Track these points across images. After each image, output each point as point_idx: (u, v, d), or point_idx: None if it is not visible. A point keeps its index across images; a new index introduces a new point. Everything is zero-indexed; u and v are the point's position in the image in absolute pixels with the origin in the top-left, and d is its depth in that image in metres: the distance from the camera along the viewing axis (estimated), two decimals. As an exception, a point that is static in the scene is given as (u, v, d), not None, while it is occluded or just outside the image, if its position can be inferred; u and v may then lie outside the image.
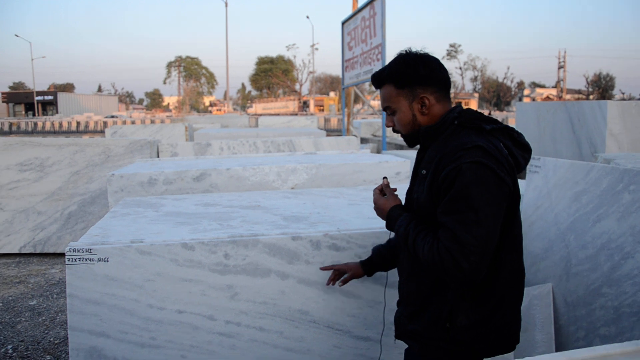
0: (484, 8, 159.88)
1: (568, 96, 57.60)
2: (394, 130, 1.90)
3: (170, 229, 2.52)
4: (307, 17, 79.57)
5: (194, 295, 2.30)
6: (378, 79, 1.85)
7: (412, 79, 1.75)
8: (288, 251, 2.37)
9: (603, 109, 6.45)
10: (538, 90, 70.12)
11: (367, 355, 2.47)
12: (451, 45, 72.53)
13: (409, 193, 1.87)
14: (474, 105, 68.18)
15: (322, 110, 66.40)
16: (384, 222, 1.89)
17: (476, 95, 71.06)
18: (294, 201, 3.20)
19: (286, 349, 2.40)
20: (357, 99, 18.97)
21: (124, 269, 2.22)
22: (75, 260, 2.16)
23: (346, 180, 3.94)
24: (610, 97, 70.91)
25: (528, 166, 3.85)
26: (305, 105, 69.06)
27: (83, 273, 2.18)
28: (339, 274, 2.23)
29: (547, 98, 57.60)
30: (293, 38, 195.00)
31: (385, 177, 1.97)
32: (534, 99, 65.80)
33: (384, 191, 1.91)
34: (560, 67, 61.66)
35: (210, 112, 71.25)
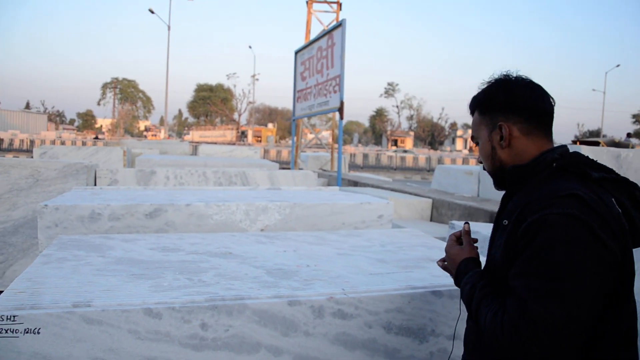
0: (422, 50, 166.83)
1: None
2: (485, 168, 1.64)
3: (124, 284, 1.92)
4: (250, 47, 79.65)
5: (157, 379, 1.71)
6: (470, 105, 1.63)
7: (492, 104, 1.50)
8: (283, 320, 1.84)
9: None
10: (470, 131, 73.02)
11: None
12: (389, 84, 74.42)
13: (489, 248, 1.53)
14: (409, 144, 70.08)
15: (260, 140, 66.01)
16: (398, 283, 1.67)
17: (412, 133, 73.02)
18: (271, 248, 2.67)
19: None
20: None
21: (63, 345, 1.60)
22: (-8, 333, 1.54)
23: (323, 223, 3.45)
24: None
25: None
26: (243, 135, 68.31)
27: (1, 350, 1.54)
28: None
29: None
30: (234, 67, 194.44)
31: (467, 223, 1.68)
32: (466, 140, 68.32)
33: (460, 239, 1.65)
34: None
35: (145, 136, 68.92)
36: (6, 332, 1.54)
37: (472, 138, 1.63)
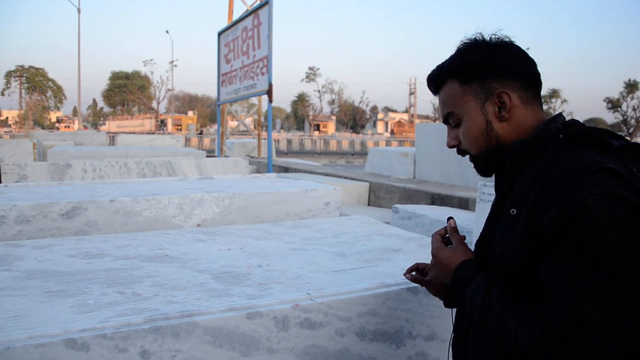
0: (343, 34, 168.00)
1: (418, 120, 61.86)
2: (460, 151, 1.34)
3: (37, 306, 1.52)
4: (167, 32, 76.63)
5: None
6: (436, 77, 1.31)
7: (485, 68, 1.22)
8: (242, 337, 1.51)
9: None
10: (391, 114, 74.47)
11: None
12: (310, 68, 74.06)
13: (481, 242, 1.31)
14: (331, 128, 70.46)
15: (180, 129, 63.92)
16: (367, 281, 1.52)
17: (334, 117, 73.36)
18: (212, 246, 2.32)
19: None
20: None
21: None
22: None
23: (266, 214, 3.13)
24: None
25: (479, 194, 3.37)
26: (162, 124, 65.79)
27: None
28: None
29: (399, 122, 61.33)
30: (151, 53, 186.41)
31: (451, 218, 1.41)
32: (387, 123, 69.70)
33: (446, 237, 1.39)
34: (411, 94, 66.16)
35: (57, 128, 64.61)
36: None
37: (448, 117, 1.30)
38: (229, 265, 2.01)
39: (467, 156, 1.34)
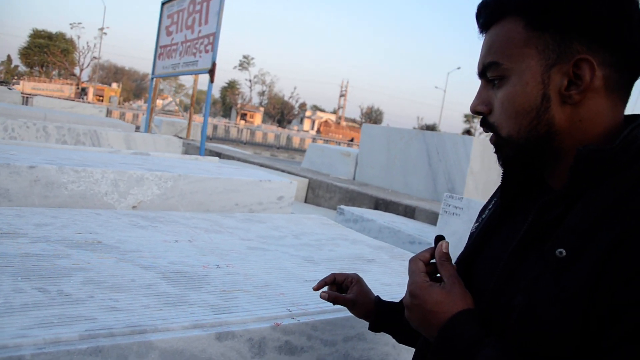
0: (281, 27, 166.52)
1: (344, 123, 62.39)
2: (485, 123, 0.89)
3: None
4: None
5: None
6: (494, 5, 0.85)
7: (574, 16, 0.77)
8: (208, 362, 1.15)
9: (467, 144, 6.14)
10: (319, 113, 74.54)
11: None
12: (244, 57, 72.58)
13: (467, 278, 0.92)
14: (258, 119, 69.52)
15: (102, 100, 60.46)
16: None
17: (262, 109, 72.38)
18: (155, 235, 1.92)
19: None
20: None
21: None
22: None
23: (212, 202, 2.73)
24: None
25: (443, 205, 3.15)
26: (83, 92, 61.83)
27: None
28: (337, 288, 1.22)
29: (327, 122, 61.58)
30: (80, 16, 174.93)
31: (442, 238, 0.94)
32: (314, 121, 69.75)
33: (430, 266, 0.93)
34: (341, 95, 66.63)
35: (-38, 83, 58.92)
36: None
37: (488, 68, 0.86)
38: (180, 262, 1.63)
39: (410, 165, 1.05)
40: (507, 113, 0.84)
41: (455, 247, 3.10)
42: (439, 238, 0.94)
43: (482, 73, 0.87)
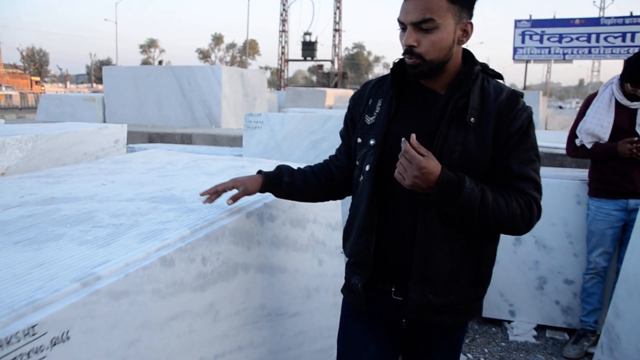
0: None
1: (2, 70, 52.61)
2: (408, 52, 1.41)
3: (75, 248, 1.27)
4: None
5: (180, 338, 1.32)
6: None
7: (468, 0, 1.42)
8: (245, 233, 1.66)
9: (217, 73, 6.60)
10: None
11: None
12: None
13: (436, 147, 1.41)
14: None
15: None
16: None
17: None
18: (82, 186, 2.08)
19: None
20: None
21: (98, 342, 1.04)
22: (9, 364, 0.87)
23: (67, 156, 2.78)
24: (46, 73, 69.71)
25: (245, 122, 3.74)
26: None
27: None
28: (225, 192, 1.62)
29: None
30: None
31: (407, 138, 1.34)
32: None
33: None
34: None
35: None
36: (25, 357, 0.91)
37: (422, 22, 1.36)
38: (143, 193, 1.92)
39: (163, 98, 1.62)
40: (435, 48, 1.38)
41: (262, 153, 3.81)
42: (407, 137, 1.33)
43: (417, 23, 1.37)
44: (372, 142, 1.50)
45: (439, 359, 1.58)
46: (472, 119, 1.40)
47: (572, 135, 3.15)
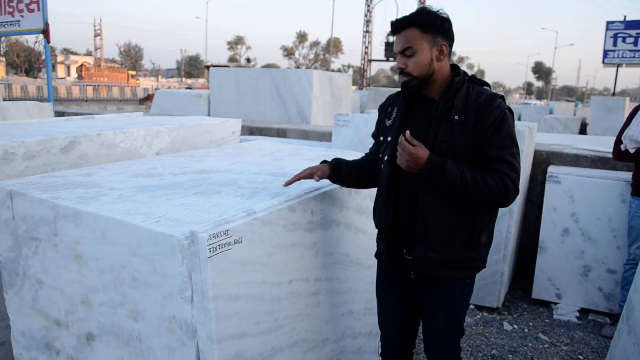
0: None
1: (104, 64, 56.09)
2: (402, 72, 1.88)
3: (236, 200, 1.97)
4: None
5: (296, 260, 1.99)
6: (403, 22, 1.84)
7: (437, 28, 1.82)
8: (339, 200, 2.31)
9: (309, 76, 7.49)
10: (72, 57, 65.16)
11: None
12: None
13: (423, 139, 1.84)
14: (1, 71, 59.14)
15: None
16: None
17: (2, 59, 61.31)
18: (221, 163, 2.82)
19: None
20: None
21: (254, 248, 1.74)
22: (216, 249, 1.57)
23: (198, 142, 3.57)
24: (140, 67, 73.03)
25: (335, 121, 4.42)
26: None
27: (223, 264, 1.60)
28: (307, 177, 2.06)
29: (85, 66, 53.45)
30: None
31: (407, 131, 1.82)
32: (68, 66, 61.20)
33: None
34: (96, 35, 59.41)
35: None
36: (224, 246, 1.60)
37: (405, 50, 1.81)
38: (269, 170, 2.62)
39: (261, 97, 2.07)
40: (418, 67, 1.82)
41: (348, 147, 4.42)
42: (407, 131, 1.79)
43: (402, 51, 1.83)
44: (389, 138, 1.97)
45: (438, 306, 1.98)
46: (455, 117, 1.80)
47: (618, 141, 3.53)
